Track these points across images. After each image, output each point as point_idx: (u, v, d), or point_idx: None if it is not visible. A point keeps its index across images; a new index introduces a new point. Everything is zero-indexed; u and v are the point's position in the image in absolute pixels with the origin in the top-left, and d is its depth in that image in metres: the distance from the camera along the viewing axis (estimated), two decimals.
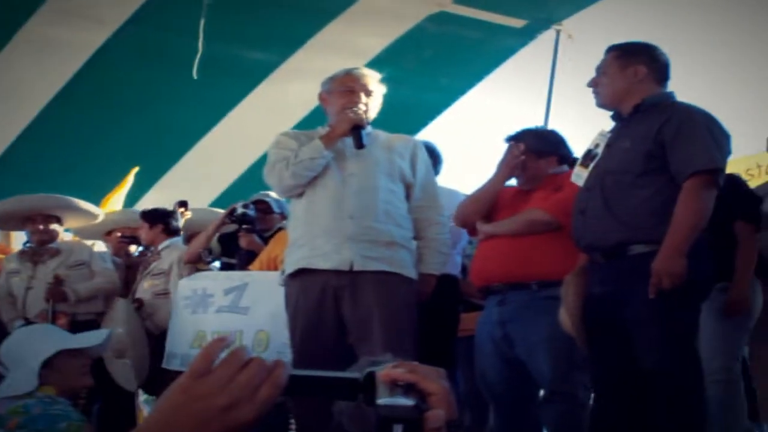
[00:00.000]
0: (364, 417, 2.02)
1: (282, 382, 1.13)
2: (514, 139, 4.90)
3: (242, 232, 6.21)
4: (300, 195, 4.62)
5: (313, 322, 4.48)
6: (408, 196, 4.68)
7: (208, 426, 1.09)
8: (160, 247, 6.79)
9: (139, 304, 6.53)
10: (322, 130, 4.72)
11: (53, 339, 3.98)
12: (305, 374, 1.18)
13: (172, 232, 6.84)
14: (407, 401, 1.13)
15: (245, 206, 6.22)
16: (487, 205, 4.84)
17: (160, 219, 6.91)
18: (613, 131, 4.28)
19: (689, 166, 3.92)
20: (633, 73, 4.20)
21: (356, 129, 4.50)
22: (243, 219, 6.18)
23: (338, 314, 4.47)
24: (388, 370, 1.15)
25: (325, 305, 4.47)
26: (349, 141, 4.56)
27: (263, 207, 6.41)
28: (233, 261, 6.38)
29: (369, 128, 4.65)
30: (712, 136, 4.00)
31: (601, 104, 4.33)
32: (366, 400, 1.15)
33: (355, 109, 4.55)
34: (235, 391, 1.10)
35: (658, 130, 4.02)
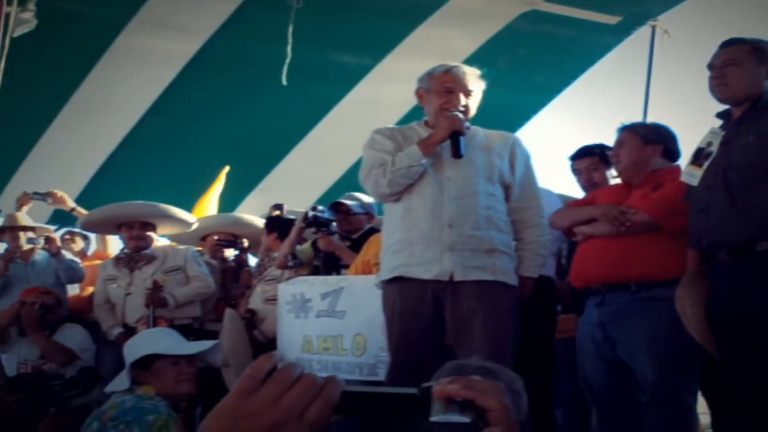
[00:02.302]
0: None
1: (333, 399, 1.07)
2: (628, 129, 4.86)
3: (319, 234, 6.23)
4: (397, 199, 4.53)
5: (411, 325, 4.38)
6: (507, 197, 4.56)
7: None
8: (276, 253, 6.80)
9: (251, 315, 6.55)
10: (417, 127, 4.67)
11: (151, 343, 4.12)
12: (358, 390, 1.12)
13: None
14: (462, 418, 1.07)
15: (314, 209, 6.25)
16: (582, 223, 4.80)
17: (277, 226, 6.94)
18: (726, 128, 4.18)
19: None
20: (766, 70, 4.14)
21: (455, 135, 4.38)
22: (315, 222, 6.21)
23: (437, 316, 4.36)
24: (443, 386, 1.10)
25: (424, 308, 4.36)
26: (447, 143, 4.45)
27: (344, 209, 6.43)
28: (317, 263, 6.41)
29: (467, 124, 4.54)
30: None
31: (727, 97, 4.19)
32: (424, 416, 1.09)
33: (455, 112, 4.43)
34: (283, 410, 1.05)
35: None
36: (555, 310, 5.40)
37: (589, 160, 5.70)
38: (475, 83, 4.57)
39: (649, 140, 4.78)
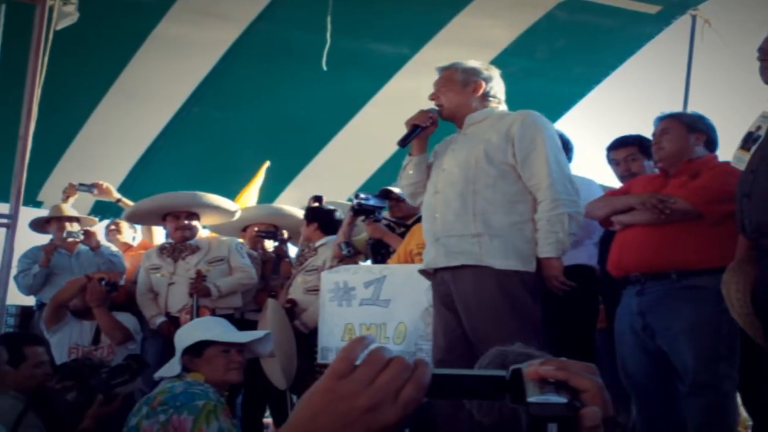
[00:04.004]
0: (493, 407, 1.98)
1: (425, 382, 1.07)
2: (672, 117, 4.84)
3: (366, 221, 6.33)
4: (419, 200, 4.81)
5: (440, 313, 4.57)
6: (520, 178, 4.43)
7: (351, 428, 1.05)
8: (317, 243, 6.83)
9: (292, 305, 6.57)
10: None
11: (204, 330, 4.21)
12: (449, 373, 1.12)
13: (329, 230, 6.90)
14: (560, 399, 1.07)
15: (356, 196, 6.37)
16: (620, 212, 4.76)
17: (316, 217, 6.98)
18: None
19: None
20: None
21: (414, 128, 4.59)
22: (361, 210, 6.32)
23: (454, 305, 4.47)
24: (536, 367, 1.09)
25: (445, 297, 4.50)
26: (454, 137, 4.69)
27: (394, 196, 6.48)
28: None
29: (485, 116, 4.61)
30: None
31: None
32: (513, 398, 1.09)
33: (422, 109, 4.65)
34: (377, 392, 1.06)
35: None
36: (596, 301, 5.38)
37: (627, 150, 5.66)
38: (441, 79, 4.77)
39: (694, 128, 4.76)
